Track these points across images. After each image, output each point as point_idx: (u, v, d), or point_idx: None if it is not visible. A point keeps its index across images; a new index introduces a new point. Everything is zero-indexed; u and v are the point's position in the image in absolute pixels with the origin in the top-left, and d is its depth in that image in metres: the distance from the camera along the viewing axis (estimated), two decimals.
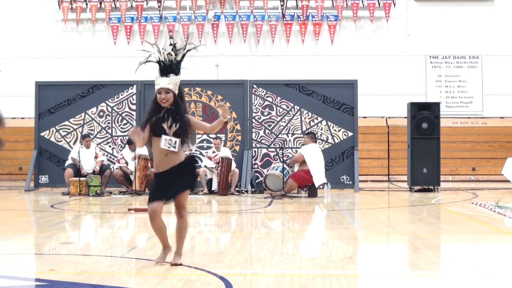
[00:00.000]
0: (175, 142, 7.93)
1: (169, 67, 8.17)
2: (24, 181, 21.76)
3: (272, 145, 20.76)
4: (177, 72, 8.23)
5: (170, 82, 8.12)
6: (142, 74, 18.39)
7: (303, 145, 18.90)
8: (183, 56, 8.21)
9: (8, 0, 26.26)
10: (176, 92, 8.21)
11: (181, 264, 7.87)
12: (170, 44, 8.11)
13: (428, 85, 25.44)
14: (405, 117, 21.24)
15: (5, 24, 26.20)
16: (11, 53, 26.01)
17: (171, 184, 7.89)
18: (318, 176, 18.18)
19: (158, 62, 8.14)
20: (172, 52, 8.12)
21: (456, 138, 24.64)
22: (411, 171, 20.21)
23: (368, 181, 23.30)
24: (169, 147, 7.85)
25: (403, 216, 14.58)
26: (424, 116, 20.17)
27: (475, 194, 18.97)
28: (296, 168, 18.61)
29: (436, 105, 20.52)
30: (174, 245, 8.04)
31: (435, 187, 20.04)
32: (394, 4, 25.58)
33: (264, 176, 19.22)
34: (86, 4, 25.89)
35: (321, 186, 18.82)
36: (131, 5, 26.05)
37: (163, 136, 7.85)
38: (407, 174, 20.86)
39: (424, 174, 20.04)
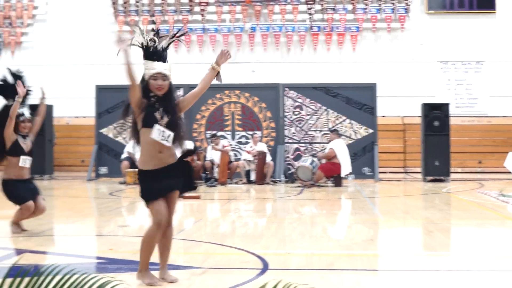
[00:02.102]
0: (169, 136, 6.00)
1: (155, 53, 6.30)
2: (86, 172, 21.89)
3: (302, 141, 20.75)
4: (164, 60, 6.29)
5: (169, 68, 6.29)
6: (187, 78, 18.57)
7: (330, 141, 18.89)
8: (169, 44, 6.40)
9: (73, 15, 26.44)
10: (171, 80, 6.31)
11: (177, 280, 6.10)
12: (152, 30, 6.41)
13: (439, 88, 25.27)
14: (419, 116, 21.11)
15: (70, 35, 26.38)
16: (75, 60, 26.21)
17: (164, 182, 5.99)
18: (346, 166, 18.28)
19: (142, 46, 6.32)
20: (155, 38, 6.31)
21: (464, 135, 24.45)
22: (425, 163, 20.12)
23: (386, 172, 23.18)
24: (162, 140, 5.93)
25: (418, 203, 14.51)
26: (435, 115, 20.08)
27: (481, 184, 18.82)
28: (323, 161, 18.60)
29: (446, 105, 20.42)
30: (157, 260, 6.15)
31: (446, 178, 19.93)
32: (409, 17, 25.47)
33: (295, 168, 19.23)
34: (139, 17, 26.03)
35: (346, 176, 18.81)
36: (178, 18, 26.15)
37: (156, 126, 5.95)
38: (421, 166, 20.76)
39: (436, 166, 19.93)
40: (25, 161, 9.17)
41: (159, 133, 5.93)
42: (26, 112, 9.39)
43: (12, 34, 26.88)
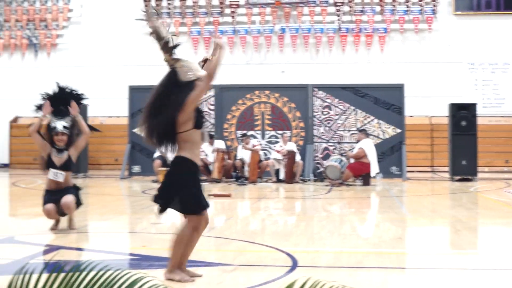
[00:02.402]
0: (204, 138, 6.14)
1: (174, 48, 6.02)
2: (119, 170, 22.01)
3: (330, 140, 20.70)
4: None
5: None
6: (218, 79, 18.60)
7: (358, 141, 18.83)
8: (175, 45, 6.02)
9: (106, 17, 26.61)
10: None
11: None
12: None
13: (467, 88, 25.08)
14: (447, 116, 20.97)
15: (104, 37, 26.56)
16: (109, 61, 26.39)
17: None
18: (375, 166, 18.22)
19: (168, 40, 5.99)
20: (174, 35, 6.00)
21: (491, 134, 24.23)
22: (452, 163, 19.98)
23: (414, 171, 23.04)
24: (203, 142, 5.85)
25: (445, 202, 14.43)
26: (463, 115, 19.93)
27: (508, 184, 18.66)
28: (352, 160, 18.56)
29: (474, 105, 20.26)
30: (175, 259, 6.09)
31: (473, 177, 19.78)
32: (436, 18, 25.31)
33: (324, 167, 19.20)
34: (171, 19, 26.13)
35: (374, 176, 18.75)
36: (209, 20, 26.21)
37: (203, 128, 6.04)
38: (448, 165, 20.61)
39: (463, 165, 19.78)
40: (56, 175, 8.99)
41: (204, 136, 5.94)
42: (60, 125, 9.04)
43: (48, 36, 27.13)
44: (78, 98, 9.44)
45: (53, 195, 8.97)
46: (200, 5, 26.29)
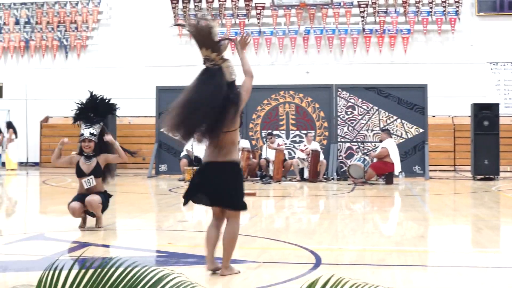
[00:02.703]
0: None
1: None
2: (147, 169, 22.10)
3: (354, 140, 20.65)
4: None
5: None
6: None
7: (381, 140, 18.77)
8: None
9: (135, 19, 26.73)
10: None
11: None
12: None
13: (489, 88, 24.91)
14: (469, 116, 20.84)
15: (132, 39, 26.68)
16: (137, 62, 26.52)
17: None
18: (398, 165, 18.18)
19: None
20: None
21: None
22: (474, 162, 19.85)
23: (436, 170, 22.93)
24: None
25: (467, 201, 14.35)
26: (485, 115, 19.79)
27: None
28: (375, 159, 18.51)
29: (496, 105, 20.12)
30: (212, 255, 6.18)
31: (495, 176, 19.64)
32: (459, 19, 25.14)
33: (347, 166, 19.16)
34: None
35: (398, 175, 18.70)
36: (235, 22, 26.25)
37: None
38: (470, 165, 20.48)
39: (486, 165, 19.65)
40: (88, 181, 8.98)
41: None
42: (87, 132, 8.97)
43: (78, 38, 27.31)
44: (109, 106, 9.40)
45: (82, 196, 8.97)
46: (227, 7, 26.32)
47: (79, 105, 9.18)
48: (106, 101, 9.33)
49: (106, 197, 9.19)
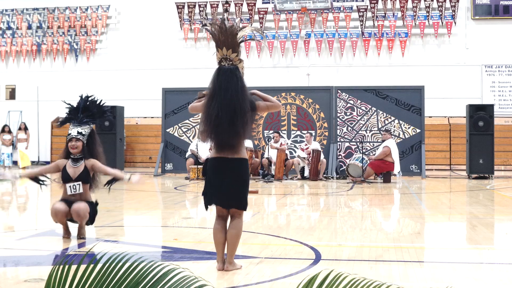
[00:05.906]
0: None
1: None
2: (153, 168, 22.13)
3: (353, 140, 20.64)
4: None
5: None
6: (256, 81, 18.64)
7: (383, 140, 18.77)
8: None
9: (142, 24, 26.77)
10: None
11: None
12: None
13: (484, 89, 24.90)
14: (464, 117, 20.86)
15: (140, 42, 26.72)
16: (144, 65, 26.55)
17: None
18: (397, 164, 18.21)
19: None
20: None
21: (508, 134, 24.04)
22: (469, 161, 19.85)
23: (433, 169, 22.93)
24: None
25: (462, 199, 14.33)
26: (480, 116, 19.79)
27: None
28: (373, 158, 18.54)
29: (491, 106, 20.12)
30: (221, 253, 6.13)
31: (490, 175, 19.64)
32: (455, 23, 25.14)
33: (346, 165, 19.16)
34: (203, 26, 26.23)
35: (396, 174, 18.71)
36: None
37: None
38: (465, 164, 20.50)
39: (480, 164, 19.64)
40: (74, 187, 7.86)
41: None
42: (74, 131, 7.94)
43: (87, 41, 27.35)
44: (100, 108, 8.36)
45: (66, 201, 7.93)
46: (231, 12, 26.34)
47: (69, 107, 8.34)
48: (97, 102, 8.32)
49: (94, 208, 7.99)
